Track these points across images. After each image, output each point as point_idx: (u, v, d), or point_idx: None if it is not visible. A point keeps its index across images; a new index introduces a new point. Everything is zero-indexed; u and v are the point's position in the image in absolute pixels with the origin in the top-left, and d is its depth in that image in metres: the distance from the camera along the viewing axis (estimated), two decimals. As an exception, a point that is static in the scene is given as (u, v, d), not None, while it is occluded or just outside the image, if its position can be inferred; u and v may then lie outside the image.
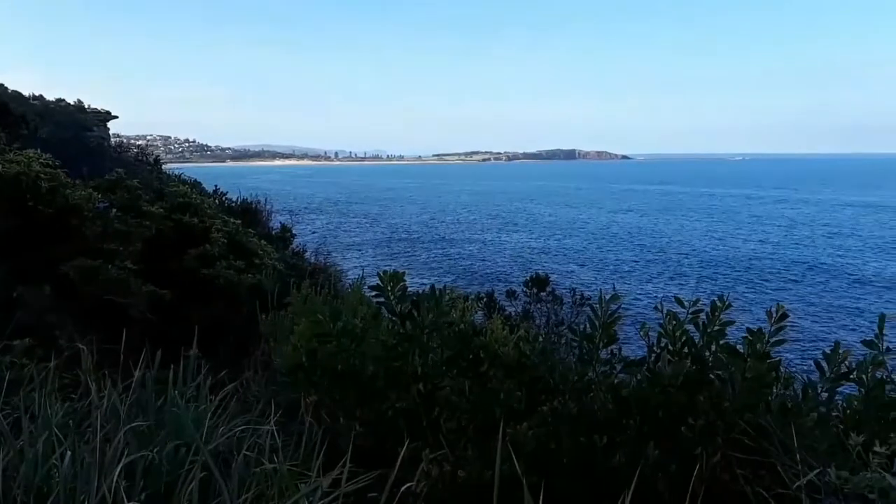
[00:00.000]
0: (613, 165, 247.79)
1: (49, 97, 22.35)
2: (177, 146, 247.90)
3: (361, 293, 2.99)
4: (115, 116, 23.02)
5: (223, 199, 11.55)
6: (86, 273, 3.99)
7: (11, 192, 4.14)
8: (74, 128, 17.64)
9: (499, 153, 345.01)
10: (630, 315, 2.61)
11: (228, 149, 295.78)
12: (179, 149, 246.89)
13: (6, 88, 19.50)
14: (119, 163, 11.52)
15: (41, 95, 22.15)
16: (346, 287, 5.73)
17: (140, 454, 1.58)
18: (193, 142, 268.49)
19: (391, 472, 1.48)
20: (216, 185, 12.87)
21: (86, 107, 22.25)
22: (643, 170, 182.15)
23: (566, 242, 34.96)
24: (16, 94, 19.27)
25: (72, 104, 22.04)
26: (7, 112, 12.81)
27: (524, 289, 8.62)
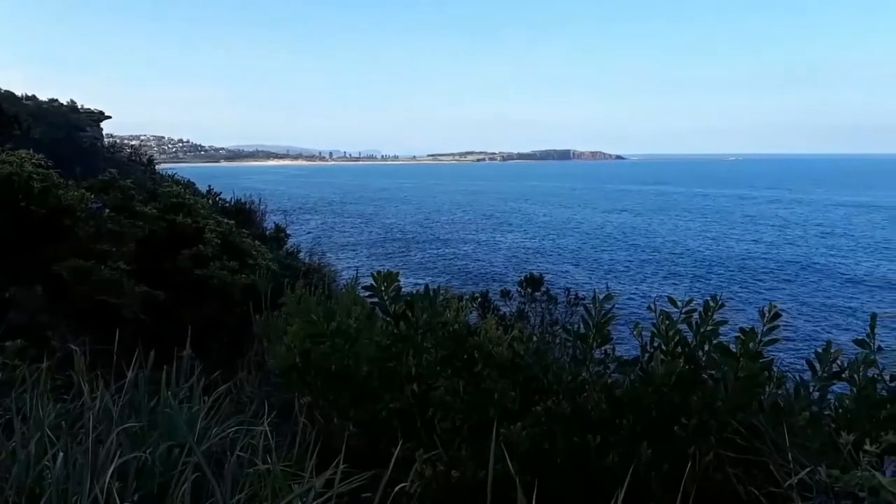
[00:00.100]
0: (608, 165, 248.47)
1: (42, 97, 22.22)
2: (170, 146, 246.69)
3: (355, 293, 2.98)
4: (109, 116, 22.91)
5: (217, 200, 11.50)
6: (78, 273, 3.97)
7: (3, 193, 4.12)
8: (67, 128, 17.54)
9: (493, 153, 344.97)
10: (624, 315, 2.61)
11: (222, 149, 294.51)
12: (173, 149, 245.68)
13: (-2, 88, 19.36)
14: (112, 163, 11.46)
15: (34, 95, 22.01)
16: (341, 287, 5.72)
17: (133, 455, 1.58)
18: (187, 142, 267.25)
19: (385, 473, 1.49)
20: (210, 186, 12.81)
21: (79, 107, 22.12)
22: (637, 170, 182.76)
23: (561, 242, 35.06)
24: (8, 94, 19.14)
25: (65, 104, 21.90)
26: (-1, 112, 12.73)
27: (518, 289, 8.62)
